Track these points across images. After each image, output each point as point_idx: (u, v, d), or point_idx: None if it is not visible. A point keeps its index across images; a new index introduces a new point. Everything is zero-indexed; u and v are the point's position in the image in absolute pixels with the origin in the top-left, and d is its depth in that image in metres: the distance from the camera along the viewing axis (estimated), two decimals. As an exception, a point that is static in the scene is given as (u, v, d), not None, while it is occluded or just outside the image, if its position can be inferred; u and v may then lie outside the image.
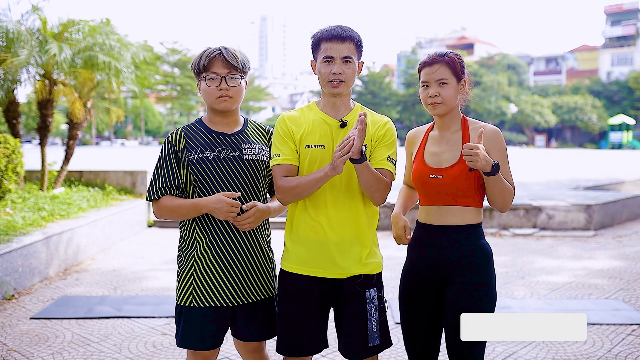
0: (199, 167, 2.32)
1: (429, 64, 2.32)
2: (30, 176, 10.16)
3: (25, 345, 3.92)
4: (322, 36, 2.26)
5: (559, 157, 32.15)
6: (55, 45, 8.48)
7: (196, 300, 2.34)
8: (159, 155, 2.38)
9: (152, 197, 2.34)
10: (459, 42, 77.21)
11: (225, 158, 2.34)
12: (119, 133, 70.36)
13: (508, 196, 2.26)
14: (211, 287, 2.33)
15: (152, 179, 2.37)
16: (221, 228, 2.34)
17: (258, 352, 2.51)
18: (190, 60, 2.51)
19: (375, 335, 2.30)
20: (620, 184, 13.59)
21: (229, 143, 2.37)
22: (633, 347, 3.85)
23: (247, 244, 2.37)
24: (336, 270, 2.29)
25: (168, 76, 59.31)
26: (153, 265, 6.46)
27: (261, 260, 2.42)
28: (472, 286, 2.28)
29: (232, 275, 2.34)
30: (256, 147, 2.41)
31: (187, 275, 2.36)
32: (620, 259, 6.72)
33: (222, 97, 2.32)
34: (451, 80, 2.30)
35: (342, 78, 2.23)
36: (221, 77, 2.31)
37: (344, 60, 2.23)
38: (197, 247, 2.35)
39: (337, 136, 2.29)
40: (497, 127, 2.36)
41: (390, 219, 2.47)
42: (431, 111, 2.35)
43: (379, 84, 60.76)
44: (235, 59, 2.32)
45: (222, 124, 2.40)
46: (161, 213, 2.36)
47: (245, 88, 2.41)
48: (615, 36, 66.17)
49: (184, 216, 2.34)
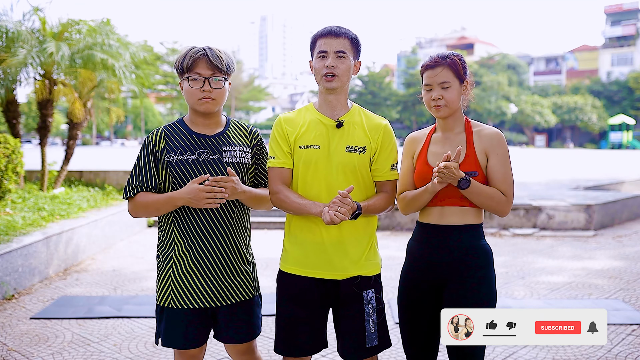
0: (178, 169, 2.29)
1: (431, 66, 2.32)
2: (30, 176, 10.16)
3: (25, 345, 3.92)
4: (317, 34, 2.29)
5: (559, 157, 32.15)
6: (53, 44, 8.49)
7: (174, 302, 2.33)
8: (138, 154, 2.36)
9: (127, 195, 2.32)
10: (459, 42, 77.22)
11: (205, 161, 2.30)
12: (119, 133, 70.32)
13: (494, 204, 2.28)
14: (189, 289, 2.32)
15: (130, 178, 2.34)
16: (198, 231, 2.31)
17: (248, 354, 2.47)
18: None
19: (374, 337, 2.30)
20: (620, 184, 13.59)
21: (209, 145, 2.33)
22: (633, 347, 3.85)
23: (224, 246, 2.34)
24: (333, 272, 2.29)
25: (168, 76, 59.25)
26: (153, 265, 6.45)
27: (239, 262, 2.38)
28: (472, 286, 2.28)
29: (210, 277, 2.32)
30: (237, 149, 2.37)
31: (166, 276, 2.34)
32: (620, 259, 6.72)
33: (205, 98, 2.29)
34: (454, 82, 2.30)
35: (336, 72, 2.23)
36: (205, 79, 2.27)
37: (338, 55, 2.24)
38: (175, 249, 2.33)
39: (334, 136, 2.29)
40: (499, 130, 2.36)
41: (429, 189, 2.32)
42: (435, 114, 2.35)
43: (379, 84, 60.79)
44: (220, 61, 2.28)
45: (204, 125, 2.37)
46: (136, 210, 2.32)
47: (228, 90, 2.37)
48: (615, 36, 66.23)
49: (158, 211, 2.29)
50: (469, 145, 2.33)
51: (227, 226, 2.34)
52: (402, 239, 7.87)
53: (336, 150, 2.27)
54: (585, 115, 55.47)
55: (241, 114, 66.24)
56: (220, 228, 2.33)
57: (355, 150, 2.28)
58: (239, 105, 63.99)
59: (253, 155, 2.44)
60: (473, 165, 2.30)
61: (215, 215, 2.32)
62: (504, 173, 2.30)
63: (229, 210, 2.34)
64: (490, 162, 2.31)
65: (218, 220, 2.32)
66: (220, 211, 2.32)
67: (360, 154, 2.29)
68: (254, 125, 2.63)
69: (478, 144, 2.32)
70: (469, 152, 2.32)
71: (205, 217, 2.31)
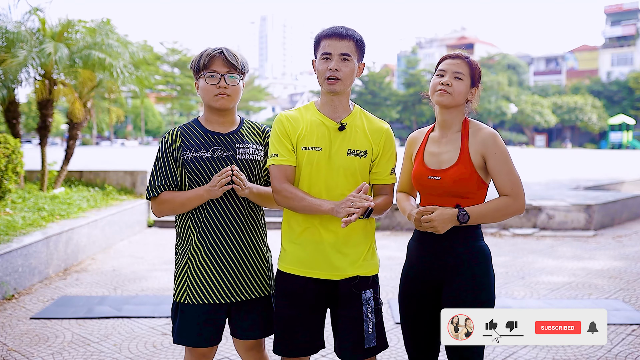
0: (193, 166, 2.33)
1: (452, 57, 2.34)
2: (30, 176, 10.16)
3: (25, 345, 3.92)
4: (322, 34, 2.26)
5: (559, 157, 32.15)
6: (52, 45, 8.49)
7: (190, 297, 2.36)
8: (157, 154, 2.40)
9: (151, 195, 2.36)
10: (459, 42, 77.20)
11: (219, 157, 2.35)
12: (119, 133, 70.35)
13: (504, 213, 2.28)
14: (204, 284, 2.35)
15: (151, 178, 2.38)
16: (213, 225, 2.34)
17: (256, 350, 2.50)
18: (190, 60, 2.50)
19: (372, 337, 2.29)
20: (620, 184, 13.59)
21: (223, 142, 2.38)
22: (633, 347, 3.85)
23: (240, 241, 2.37)
24: (332, 272, 2.28)
25: (168, 76, 59.33)
26: (153, 265, 6.46)
27: (255, 258, 2.42)
28: (470, 287, 2.28)
29: (225, 272, 2.35)
30: (250, 146, 2.41)
31: (182, 272, 2.38)
32: (620, 259, 6.72)
33: (220, 94, 2.34)
34: (466, 79, 2.31)
35: (339, 75, 2.21)
36: (221, 76, 2.33)
37: (342, 58, 2.21)
38: (191, 244, 2.37)
39: (336, 139, 2.28)
40: (494, 130, 2.36)
41: (407, 218, 2.44)
42: (437, 98, 2.31)
43: (379, 84, 60.79)
44: (236, 59, 2.36)
45: (218, 124, 2.41)
46: (161, 208, 2.36)
47: (242, 89, 2.43)
48: (615, 36, 66.24)
49: (184, 205, 2.33)
50: (464, 146, 2.32)
51: (241, 221, 2.37)
52: (402, 239, 7.87)
53: (337, 153, 2.27)
54: (585, 115, 55.48)
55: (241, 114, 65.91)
56: (235, 223, 2.36)
57: (356, 154, 2.27)
58: (239, 105, 63.33)
59: (266, 153, 2.46)
60: (466, 166, 2.28)
61: (229, 210, 2.35)
62: (506, 172, 2.28)
63: (243, 206, 2.38)
64: (490, 164, 2.29)
65: (232, 215, 2.36)
66: (234, 206, 2.35)
67: (362, 157, 2.28)
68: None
69: (473, 145, 2.31)
70: (463, 153, 2.30)
71: (220, 212, 2.35)
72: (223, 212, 2.35)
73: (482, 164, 2.30)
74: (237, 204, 2.37)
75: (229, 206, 2.35)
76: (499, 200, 2.29)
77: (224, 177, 2.23)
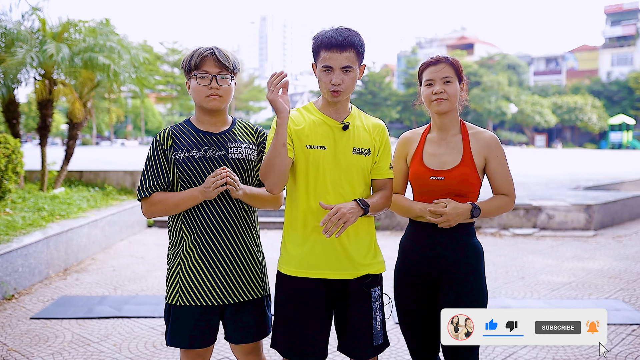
0: (185, 166, 2.31)
1: (433, 63, 2.39)
2: (30, 176, 10.16)
3: (25, 345, 3.92)
4: (321, 43, 2.21)
5: (559, 157, 32.15)
6: (53, 45, 8.48)
7: (182, 299, 2.33)
8: (148, 154, 2.38)
9: (142, 195, 2.33)
10: (459, 42, 77.20)
11: (211, 157, 2.33)
12: (119, 133, 70.29)
13: (503, 210, 2.44)
14: (197, 286, 2.32)
15: (142, 178, 2.36)
16: (206, 226, 2.32)
17: (254, 354, 2.46)
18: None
19: (379, 334, 2.31)
20: (620, 184, 13.59)
21: (215, 142, 2.36)
22: (633, 347, 3.85)
23: (233, 242, 2.35)
24: (343, 271, 2.27)
25: (168, 76, 59.26)
26: (153, 265, 6.46)
27: (248, 259, 2.39)
28: (465, 286, 2.34)
29: (218, 273, 2.33)
30: (243, 146, 2.39)
31: (174, 273, 2.36)
32: (620, 259, 6.72)
33: (212, 95, 2.33)
34: (454, 79, 2.39)
35: (341, 88, 2.21)
36: (212, 76, 2.31)
37: (344, 70, 2.20)
38: (183, 245, 2.35)
39: (340, 138, 2.28)
40: (493, 133, 2.45)
41: (414, 213, 2.43)
42: (435, 107, 2.38)
43: (379, 84, 60.73)
44: (227, 59, 2.33)
45: (210, 124, 2.40)
46: (153, 209, 2.32)
47: (234, 89, 2.41)
48: (615, 36, 66.20)
49: (178, 206, 2.30)
50: (466, 147, 2.41)
51: (234, 222, 2.35)
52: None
53: (343, 152, 2.27)
54: (585, 115, 55.42)
55: (241, 114, 66.22)
56: (228, 224, 2.34)
57: (361, 152, 2.29)
58: (239, 105, 63.97)
59: (259, 153, 2.45)
60: (470, 167, 2.37)
61: (222, 211, 2.33)
62: (505, 174, 2.43)
63: (236, 207, 2.36)
64: (491, 165, 2.41)
65: (225, 216, 2.34)
66: (227, 207, 2.34)
67: (366, 155, 2.30)
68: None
69: (475, 147, 2.41)
70: (466, 154, 2.39)
71: (213, 213, 2.33)
72: (216, 213, 2.33)
73: (482, 165, 2.42)
74: (230, 205, 2.35)
75: (222, 207, 2.33)
76: (500, 198, 2.42)
77: (219, 178, 2.22)
